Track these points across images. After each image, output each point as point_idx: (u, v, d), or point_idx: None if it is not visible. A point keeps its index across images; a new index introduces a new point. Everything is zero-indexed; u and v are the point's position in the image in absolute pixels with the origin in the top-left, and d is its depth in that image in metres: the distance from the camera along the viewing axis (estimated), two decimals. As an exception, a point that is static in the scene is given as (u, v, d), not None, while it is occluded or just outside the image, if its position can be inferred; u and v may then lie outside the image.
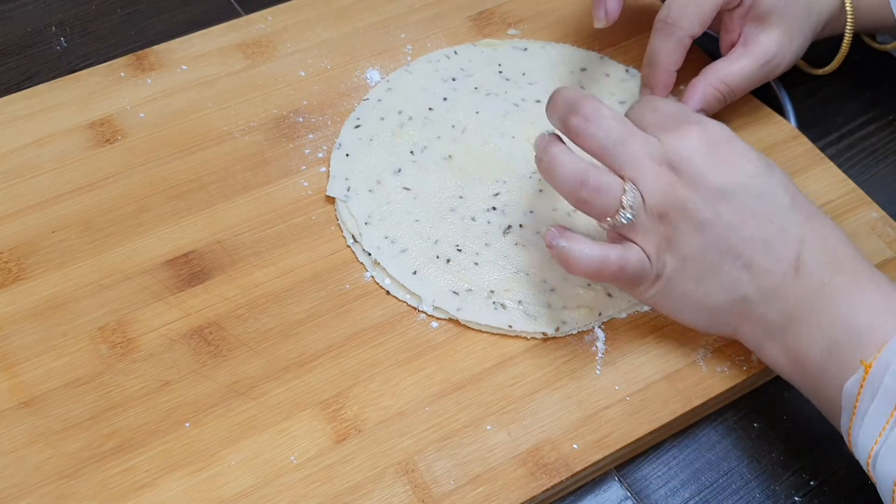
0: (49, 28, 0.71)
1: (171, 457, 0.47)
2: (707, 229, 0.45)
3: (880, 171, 0.62)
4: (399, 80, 0.64)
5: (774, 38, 0.57)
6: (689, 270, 0.46)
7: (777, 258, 0.45)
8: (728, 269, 0.46)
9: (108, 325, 0.52)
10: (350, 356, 0.51)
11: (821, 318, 0.44)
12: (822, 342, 0.44)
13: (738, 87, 0.58)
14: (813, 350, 0.44)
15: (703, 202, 0.45)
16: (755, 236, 0.45)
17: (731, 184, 0.45)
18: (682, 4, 0.56)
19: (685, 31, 0.56)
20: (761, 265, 0.45)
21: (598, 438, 0.48)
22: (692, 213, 0.45)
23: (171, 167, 0.59)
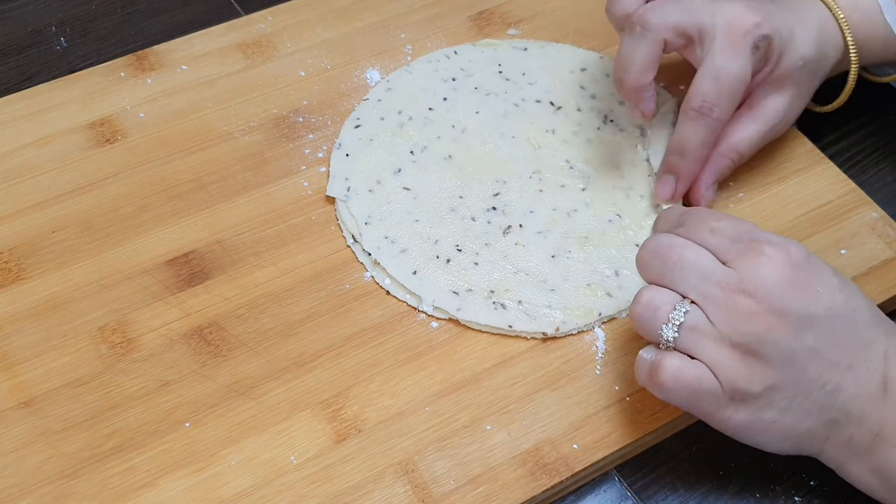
0: (49, 28, 0.71)
1: (171, 457, 0.47)
2: (793, 358, 0.43)
3: (880, 171, 0.62)
4: (399, 80, 0.64)
5: (784, 102, 0.56)
6: (774, 400, 0.43)
7: (864, 381, 0.43)
8: (816, 396, 0.43)
9: (108, 325, 0.52)
10: (350, 356, 0.51)
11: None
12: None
13: (748, 152, 0.57)
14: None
15: (789, 332, 0.42)
16: (842, 361, 0.43)
17: (815, 310, 0.43)
18: (714, 92, 0.53)
19: (721, 119, 0.53)
20: (849, 389, 0.43)
21: (598, 438, 0.48)
22: (777, 343, 0.42)
23: (171, 167, 0.59)
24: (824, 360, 0.43)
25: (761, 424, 0.44)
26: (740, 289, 0.43)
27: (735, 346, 0.43)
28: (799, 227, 0.57)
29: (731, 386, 0.43)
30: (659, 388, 0.44)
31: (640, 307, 0.45)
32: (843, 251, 0.55)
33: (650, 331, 0.44)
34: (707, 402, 0.44)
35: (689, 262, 0.44)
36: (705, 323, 0.43)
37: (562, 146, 0.60)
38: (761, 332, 0.42)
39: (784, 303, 0.42)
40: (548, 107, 0.62)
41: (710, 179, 0.56)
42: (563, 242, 0.55)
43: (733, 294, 0.43)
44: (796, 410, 0.43)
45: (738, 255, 0.44)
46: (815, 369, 0.43)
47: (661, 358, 0.44)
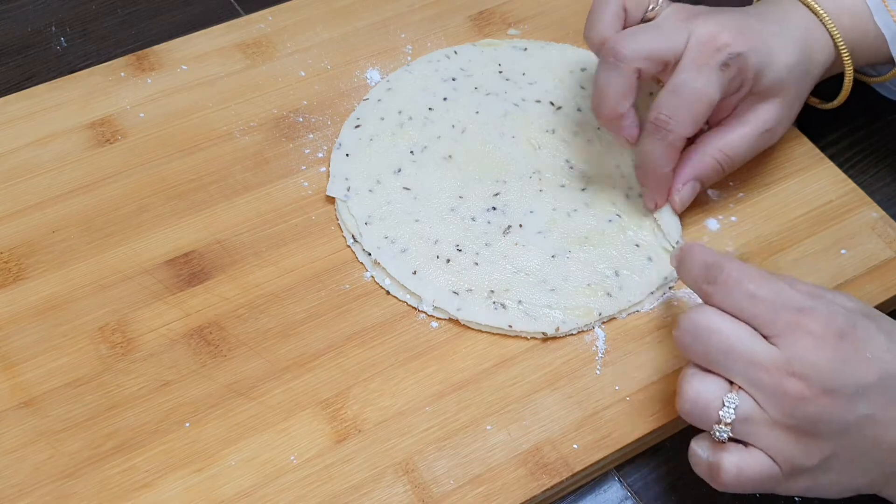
0: (49, 28, 0.71)
1: (171, 457, 0.47)
2: (848, 430, 0.42)
3: (880, 171, 0.62)
4: (399, 80, 0.64)
5: (774, 109, 0.55)
6: (832, 467, 0.43)
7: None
8: (873, 455, 0.43)
9: (108, 325, 0.52)
10: (350, 356, 0.51)
11: None
12: None
13: (736, 155, 0.55)
14: None
15: (841, 407, 0.42)
16: (894, 418, 0.43)
17: (867, 379, 0.42)
18: (672, 105, 0.52)
19: (677, 133, 0.52)
20: None
21: (598, 438, 0.48)
22: (831, 421, 0.42)
23: (171, 167, 0.59)
24: (880, 423, 0.42)
25: (821, 487, 0.44)
26: (789, 371, 0.42)
27: (789, 428, 0.42)
28: (799, 227, 0.57)
29: (789, 466, 0.43)
30: (723, 487, 0.44)
31: (688, 404, 0.43)
32: (843, 251, 0.55)
33: (702, 425, 0.44)
34: (770, 485, 0.44)
35: (735, 348, 0.43)
36: (757, 411, 0.42)
37: (562, 146, 0.60)
38: (815, 413, 0.42)
39: (834, 381, 0.42)
40: (548, 107, 0.62)
41: (687, 176, 0.55)
42: (562, 242, 0.55)
43: (782, 378, 0.42)
44: (855, 471, 0.43)
45: (782, 331, 0.42)
46: (871, 434, 0.42)
47: (720, 458, 0.43)
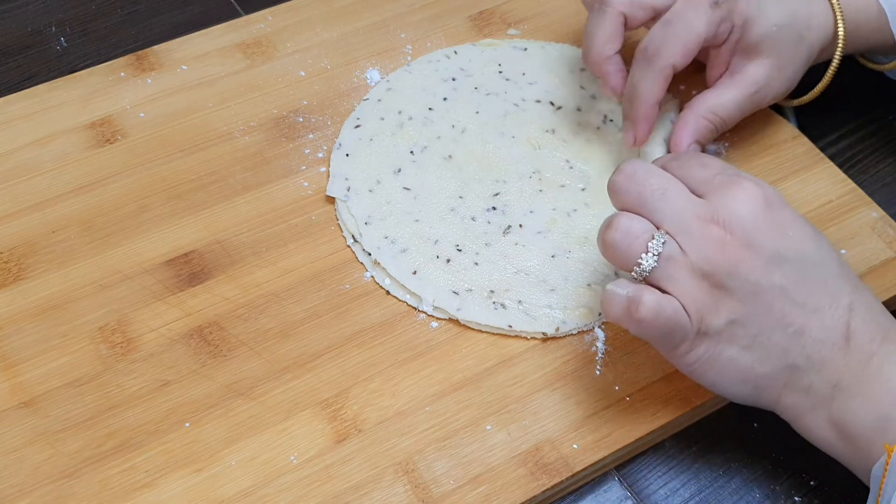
0: (49, 28, 0.71)
1: (171, 457, 0.47)
2: (760, 294, 0.43)
3: (880, 171, 0.62)
4: (399, 80, 0.64)
5: (763, 69, 0.56)
6: (736, 335, 0.44)
7: (828, 327, 0.43)
8: (778, 337, 0.43)
9: (108, 325, 0.52)
10: (350, 356, 0.51)
11: (870, 389, 0.42)
12: (871, 415, 0.42)
13: (728, 117, 0.57)
14: (861, 423, 0.42)
15: (757, 264, 0.43)
16: (808, 303, 0.43)
17: (785, 248, 0.43)
18: (662, 35, 0.53)
19: (665, 61, 0.53)
20: (812, 334, 0.43)
21: (598, 438, 0.48)
22: (745, 275, 0.43)
23: (171, 167, 0.59)
24: (790, 299, 0.43)
25: (719, 361, 0.44)
26: (714, 219, 0.43)
27: (705, 276, 0.43)
28: (799, 227, 0.57)
29: (698, 318, 0.43)
30: (637, 324, 0.44)
31: (617, 233, 0.44)
32: (843, 251, 0.55)
33: (626, 258, 0.44)
34: (677, 336, 0.44)
35: (670, 193, 0.44)
36: (679, 254, 0.44)
37: (562, 146, 0.60)
38: (731, 263, 0.43)
39: (755, 237, 0.43)
40: (548, 107, 0.62)
41: (688, 140, 0.56)
42: (563, 242, 0.55)
43: (707, 224, 0.43)
44: (757, 350, 0.44)
45: (717, 188, 0.44)
46: (780, 308, 0.43)
47: (640, 293, 0.43)
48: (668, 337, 0.44)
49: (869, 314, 0.44)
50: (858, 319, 0.44)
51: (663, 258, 0.43)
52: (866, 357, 0.43)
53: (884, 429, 0.42)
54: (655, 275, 0.44)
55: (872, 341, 0.43)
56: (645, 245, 0.44)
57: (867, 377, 0.43)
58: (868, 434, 0.42)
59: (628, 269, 0.44)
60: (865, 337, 0.43)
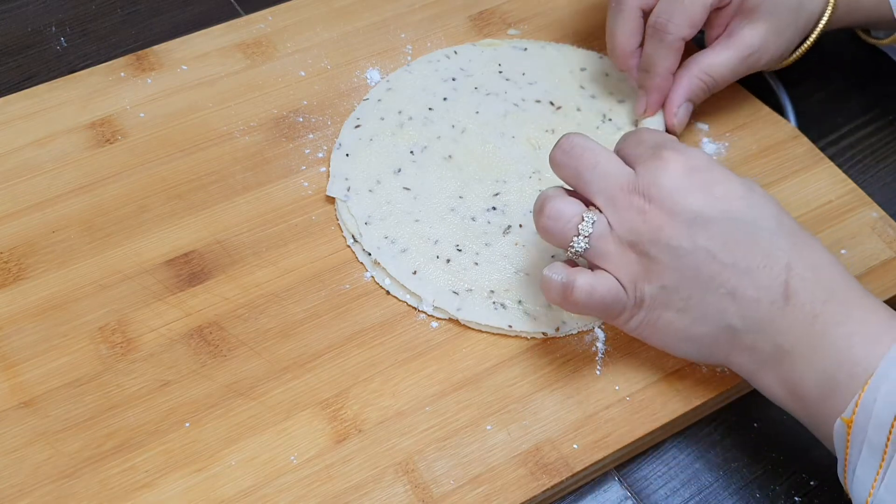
0: (49, 28, 0.71)
1: (171, 457, 0.47)
2: (684, 257, 0.44)
3: (880, 171, 0.62)
4: (399, 80, 0.64)
5: (759, 32, 0.57)
6: (670, 300, 0.45)
7: (763, 286, 0.43)
8: (711, 299, 0.44)
9: (108, 325, 0.52)
10: (350, 356, 0.51)
11: (815, 350, 0.42)
12: (817, 375, 0.42)
13: (721, 77, 0.58)
14: (809, 383, 0.42)
15: (678, 229, 0.44)
16: (738, 263, 0.43)
17: (709, 209, 0.44)
18: (670, 9, 0.56)
19: (675, 34, 0.56)
20: (746, 294, 0.43)
21: (598, 438, 0.48)
22: (666, 241, 0.44)
23: (171, 167, 0.59)
24: (718, 261, 0.44)
25: (659, 326, 0.46)
26: (636, 189, 0.45)
27: (631, 246, 0.45)
28: (799, 227, 0.57)
29: (632, 288, 0.45)
30: (574, 306, 0.46)
31: (547, 220, 0.46)
32: (843, 251, 0.55)
33: (560, 241, 0.46)
34: (616, 309, 0.46)
35: (600, 168, 0.46)
36: (608, 229, 0.45)
37: (562, 146, 0.60)
38: (652, 230, 0.44)
39: (675, 202, 0.44)
40: (548, 107, 0.62)
41: (680, 99, 0.58)
42: (563, 242, 0.55)
43: (629, 194, 0.45)
44: (692, 312, 0.45)
45: (644, 160, 0.46)
46: (707, 270, 0.44)
47: (573, 277, 0.46)
48: (607, 311, 0.46)
49: (812, 272, 0.43)
50: (798, 279, 0.43)
51: (594, 237, 0.45)
52: (810, 317, 0.42)
53: (833, 390, 0.41)
54: (589, 254, 0.46)
55: (815, 301, 0.43)
56: (576, 228, 0.46)
57: (812, 337, 0.42)
58: (815, 395, 0.42)
59: (562, 248, 0.47)
60: (807, 297, 0.43)
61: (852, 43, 0.69)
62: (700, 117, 0.62)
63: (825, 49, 0.64)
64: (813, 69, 0.60)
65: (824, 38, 0.61)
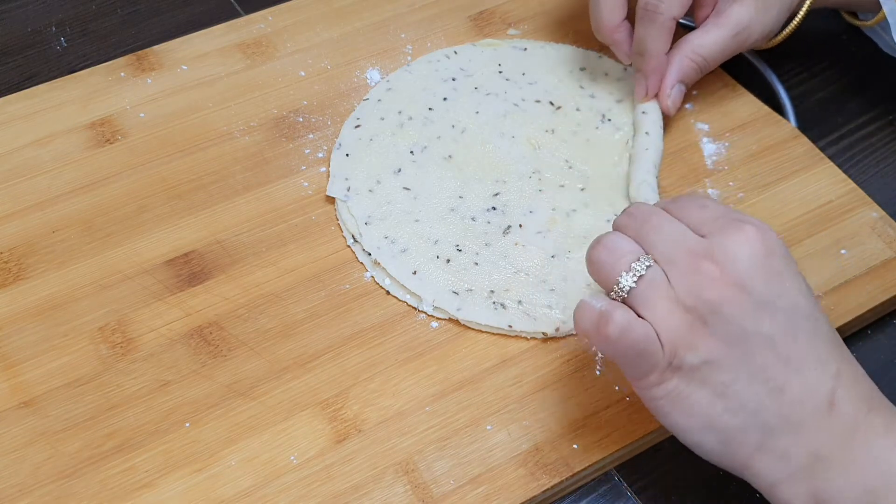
0: (49, 28, 0.71)
1: (171, 457, 0.47)
2: (742, 337, 0.40)
3: (880, 171, 0.62)
4: (399, 80, 0.64)
5: (747, 10, 0.58)
6: (709, 378, 0.41)
7: (811, 390, 0.41)
8: (755, 389, 0.41)
9: (108, 325, 0.52)
10: (350, 356, 0.51)
11: (855, 461, 0.40)
12: (857, 488, 0.40)
13: (711, 57, 0.59)
14: (846, 496, 0.40)
15: (745, 307, 0.40)
16: (792, 360, 0.41)
17: (779, 300, 0.41)
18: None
19: (667, 14, 0.56)
20: (793, 393, 0.41)
21: (598, 438, 0.48)
22: (731, 316, 0.40)
23: (171, 167, 0.59)
24: (775, 352, 0.41)
25: (688, 402, 0.41)
26: (708, 256, 0.41)
27: (688, 310, 0.41)
28: (799, 227, 0.57)
29: (671, 349, 0.41)
30: (604, 341, 0.42)
31: (603, 251, 0.43)
32: (843, 251, 0.55)
33: (607, 276, 0.43)
34: (646, 364, 0.41)
35: (666, 230, 0.43)
36: (664, 281, 0.41)
37: (561, 146, 0.60)
38: (718, 300, 0.40)
39: (749, 280, 0.41)
40: (547, 106, 0.62)
41: (673, 79, 0.59)
42: (562, 242, 0.55)
43: (699, 259, 0.41)
44: (729, 400, 0.41)
45: (718, 229, 0.42)
46: (762, 359, 0.41)
47: (612, 309, 0.41)
48: (635, 361, 0.42)
49: (854, 383, 0.42)
50: (844, 388, 0.41)
51: (645, 280, 0.42)
52: (851, 427, 0.40)
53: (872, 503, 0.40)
54: (634, 296, 0.42)
55: (858, 411, 0.41)
56: (628, 265, 0.42)
57: (852, 448, 0.40)
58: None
59: (607, 287, 0.43)
60: (851, 406, 0.41)
61: (852, 43, 0.69)
62: (700, 117, 0.62)
63: (825, 49, 0.64)
64: (813, 69, 0.60)
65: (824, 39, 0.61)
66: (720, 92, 0.64)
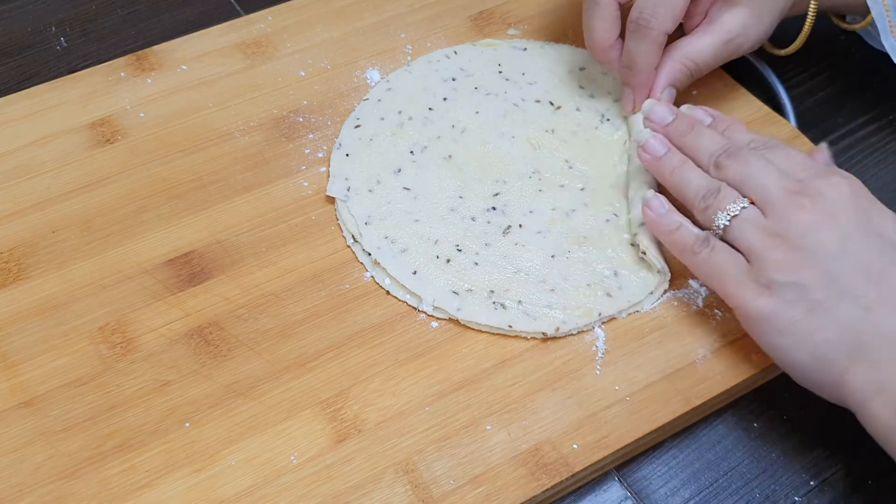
0: (49, 28, 0.71)
1: (171, 457, 0.47)
2: (833, 260, 0.43)
3: (880, 171, 0.62)
4: (399, 80, 0.64)
5: (739, 18, 0.57)
6: (801, 297, 0.44)
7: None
8: (846, 307, 0.43)
9: (108, 325, 0.52)
10: (350, 356, 0.51)
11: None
12: None
13: (703, 62, 0.58)
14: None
15: (834, 235, 0.44)
16: (883, 280, 0.43)
17: (868, 228, 0.44)
18: (652, 3, 0.55)
19: (658, 29, 0.56)
20: (883, 309, 0.43)
21: (598, 438, 0.48)
22: (819, 240, 0.44)
23: (171, 167, 0.59)
24: (864, 275, 0.43)
25: (782, 319, 0.44)
26: (802, 192, 0.45)
27: (778, 234, 0.45)
28: (799, 227, 0.57)
29: (759, 267, 0.45)
30: (697, 260, 0.48)
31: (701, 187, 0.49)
32: (842, 251, 0.55)
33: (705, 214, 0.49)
34: (732, 281, 0.46)
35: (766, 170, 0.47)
36: (758, 216, 0.46)
37: (561, 146, 0.60)
38: (810, 224, 0.44)
39: (838, 211, 0.44)
40: (547, 106, 0.62)
41: (663, 84, 0.58)
42: (562, 242, 0.55)
43: (793, 195, 0.45)
44: (822, 316, 0.43)
45: (811, 175, 0.47)
46: (852, 280, 0.43)
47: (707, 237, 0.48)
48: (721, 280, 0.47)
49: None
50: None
51: (739, 219, 0.47)
52: None
53: None
54: (729, 233, 0.47)
55: None
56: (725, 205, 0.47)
57: None
58: None
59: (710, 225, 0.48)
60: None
61: (852, 44, 0.69)
62: (700, 117, 0.62)
63: (825, 49, 0.64)
64: (813, 69, 0.60)
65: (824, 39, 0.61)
66: (720, 92, 0.64)
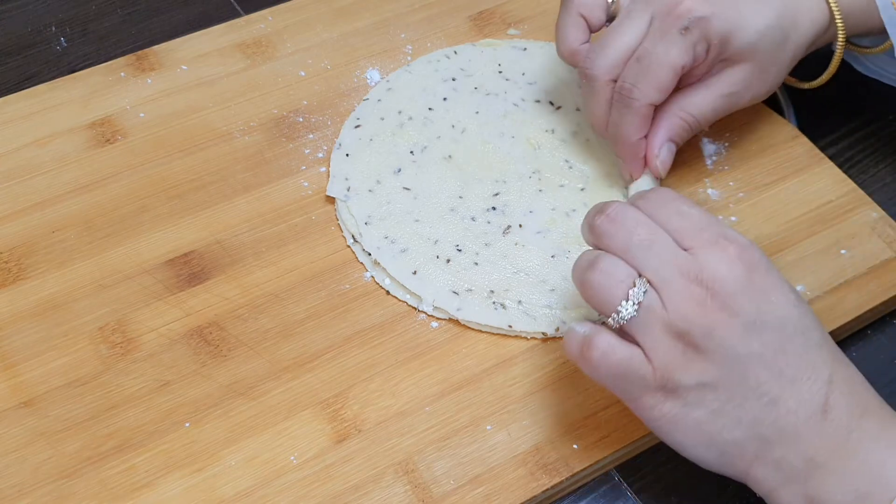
0: (49, 28, 0.71)
1: (171, 457, 0.47)
2: (735, 359, 0.41)
3: (880, 171, 0.62)
4: (399, 80, 0.64)
5: (743, 73, 0.55)
6: (705, 399, 0.42)
7: (804, 399, 0.42)
8: (750, 405, 0.42)
9: (108, 325, 0.52)
10: (350, 356, 0.51)
11: (848, 466, 0.41)
12: (850, 492, 0.40)
13: (702, 116, 0.55)
14: (839, 500, 0.41)
15: (735, 330, 0.41)
16: (785, 373, 0.42)
17: (767, 317, 0.42)
18: (636, 73, 0.52)
19: (641, 101, 0.53)
20: (787, 404, 0.41)
21: (598, 438, 0.48)
22: (721, 339, 0.41)
23: (171, 167, 0.59)
24: (767, 368, 0.42)
25: (686, 422, 0.43)
26: (697, 278, 0.42)
27: (680, 335, 0.42)
28: (799, 227, 0.57)
29: (663, 373, 0.42)
30: (588, 365, 0.43)
31: (599, 275, 0.43)
32: (843, 251, 0.55)
33: (605, 302, 0.43)
34: (635, 385, 0.43)
35: (655, 243, 0.43)
36: (660, 306, 0.42)
37: (561, 146, 0.60)
38: (708, 324, 0.41)
39: (735, 302, 0.41)
40: (547, 107, 0.62)
41: (661, 140, 0.55)
42: (562, 242, 0.55)
43: (689, 282, 0.42)
44: (727, 416, 0.42)
45: (702, 245, 0.42)
46: (755, 376, 0.42)
47: (595, 334, 0.43)
48: (623, 383, 0.43)
49: (848, 387, 0.42)
50: (838, 393, 0.42)
51: (643, 307, 0.42)
52: (845, 432, 0.41)
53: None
54: (632, 323, 0.42)
55: (851, 416, 0.41)
56: (626, 292, 0.42)
57: (846, 453, 0.41)
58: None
59: (606, 313, 0.43)
60: (844, 411, 0.41)
61: (852, 43, 0.69)
62: (700, 117, 0.62)
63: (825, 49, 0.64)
64: (812, 69, 0.60)
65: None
66: (720, 92, 0.64)
